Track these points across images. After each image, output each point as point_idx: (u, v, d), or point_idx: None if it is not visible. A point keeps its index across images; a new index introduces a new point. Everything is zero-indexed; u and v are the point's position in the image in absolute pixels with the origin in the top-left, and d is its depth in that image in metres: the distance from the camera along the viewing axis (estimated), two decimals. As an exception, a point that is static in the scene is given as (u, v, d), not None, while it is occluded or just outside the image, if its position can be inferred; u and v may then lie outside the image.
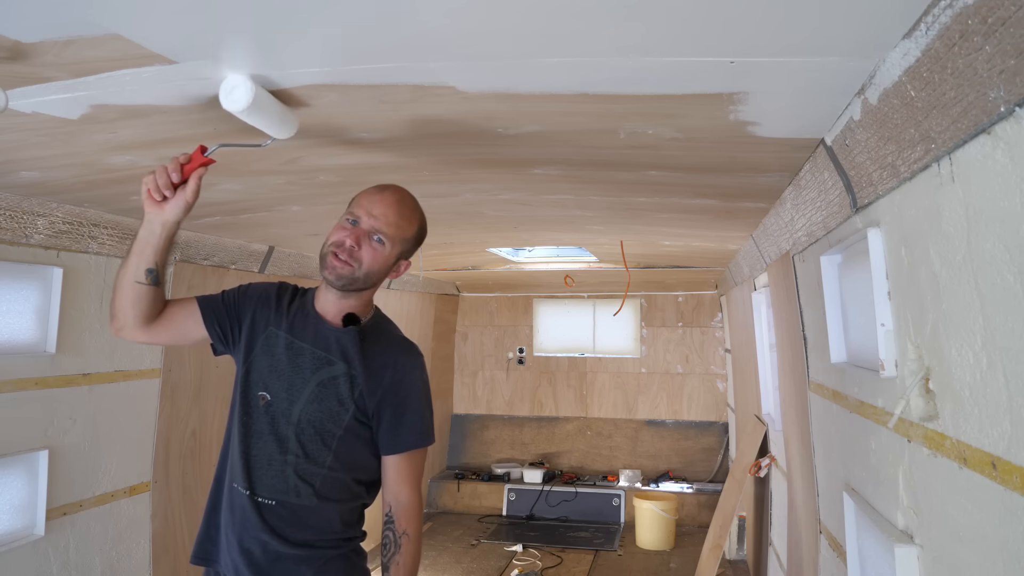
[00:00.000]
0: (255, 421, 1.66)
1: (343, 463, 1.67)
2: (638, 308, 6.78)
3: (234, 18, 1.06)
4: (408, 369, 1.72)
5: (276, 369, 1.68)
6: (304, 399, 1.64)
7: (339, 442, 1.65)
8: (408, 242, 1.70)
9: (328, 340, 1.68)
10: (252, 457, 1.65)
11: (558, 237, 3.85)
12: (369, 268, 1.64)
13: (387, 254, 1.66)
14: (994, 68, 0.87)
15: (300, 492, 1.63)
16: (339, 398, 1.65)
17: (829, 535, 2.20)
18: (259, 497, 1.63)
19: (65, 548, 2.50)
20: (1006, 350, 0.98)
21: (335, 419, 1.64)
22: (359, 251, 1.63)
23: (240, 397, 1.69)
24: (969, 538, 1.14)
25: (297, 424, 1.63)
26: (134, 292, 1.62)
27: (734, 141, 1.66)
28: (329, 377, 1.65)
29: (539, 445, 6.91)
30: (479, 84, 1.33)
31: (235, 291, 1.79)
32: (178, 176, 1.50)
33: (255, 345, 1.71)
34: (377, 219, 1.64)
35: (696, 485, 6.23)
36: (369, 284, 1.68)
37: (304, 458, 1.63)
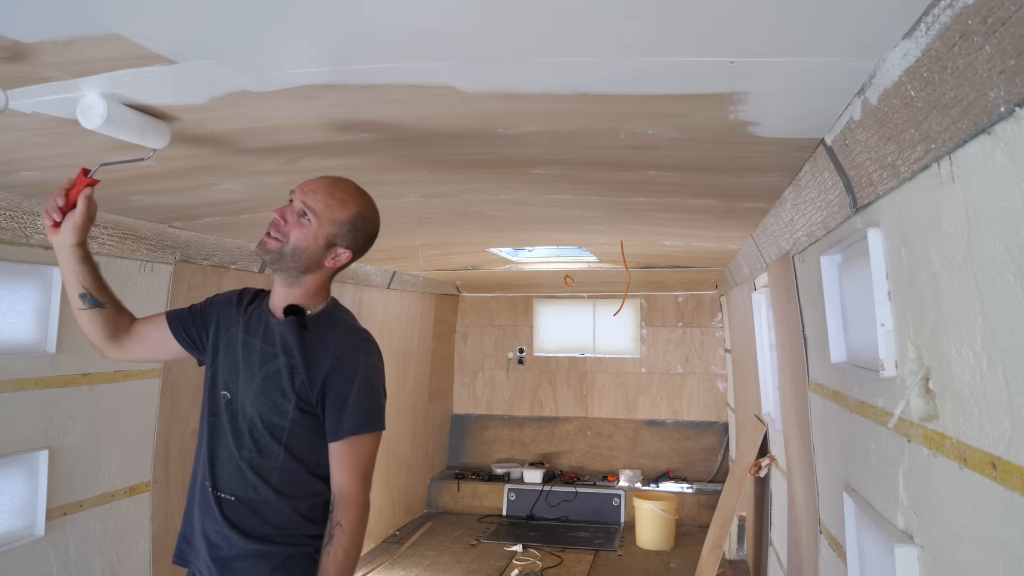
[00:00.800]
0: (219, 419, 1.69)
1: (296, 456, 1.66)
2: (638, 308, 6.78)
3: (234, 18, 1.06)
4: (350, 354, 1.67)
5: (235, 368, 1.70)
6: (253, 394, 1.66)
7: (288, 435, 1.65)
8: (340, 225, 1.65)
9: (273, 334, 1.70)
10: (215, 454, 1.68)
11: (558, 237, 3.85)
12: (296, 244, 1.63)
13: (314, 231, 1.63)
14: (994, 68, 0.87)
15: (257, 488, 1.64)
16: (281, 390, 1.65)
17: (829, 535, 2.20)
18: (220, 493, 1.66)
19: (65, 548, 2.50)
20: (1006, 350, 0.98)
21: (280, 412, 1.65)
22: (285, 226, 1.63)
23: (207, 398, 1.73)
24: (969, 538, 1.14)
25: (250, 420, 1.65)
26: (84, 318, 1.72)
27: (734, 141, 1.66)
28: (273, 371, 1.67)
29: (539, 445, 6.91)
30: (479, 84, 1.33)
31: (203, 302, 1.84)
32: (63, 200, 1.58)
33: (219, 348, 1.74)
34: (307, 195, 1.63)
35: (696, 485, 6.23)
36: (299, 263, 1.66)
37: (258, 453, 1.65)
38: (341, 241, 1.67)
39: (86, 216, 1.60)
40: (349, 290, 4.66)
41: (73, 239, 1.62)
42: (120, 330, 1.77)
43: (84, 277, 1.68)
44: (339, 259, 1.69)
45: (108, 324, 1.74)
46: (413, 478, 6.19)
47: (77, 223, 1.60)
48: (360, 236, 1.69)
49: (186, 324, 1.80)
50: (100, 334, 1.74)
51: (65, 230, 1.61)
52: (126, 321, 1.79)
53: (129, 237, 2.64)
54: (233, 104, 1.44)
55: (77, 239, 1.62)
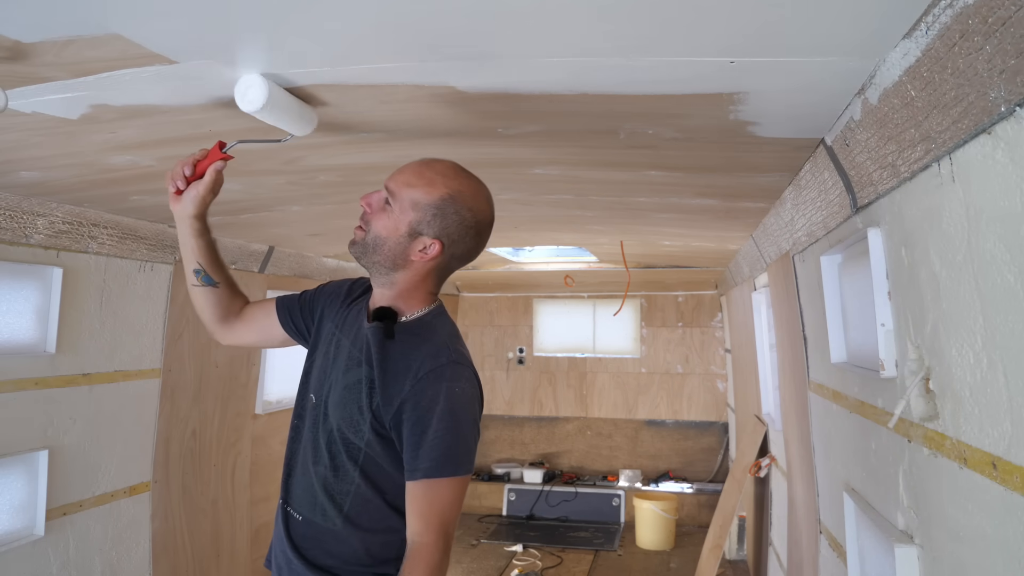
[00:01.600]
0: (303, 424, 1.54)
1: (373, 483, 1.44)
2: (638, 308, 6.78)
3: (233, 18, 1.06)
4: (432, 378, 1.40)
5: (325, 370, 1.53)
6: (334, 403, 1.47)
7: (364, 457, 1.43)
8: (425, 209, 1.40)
9: (362, 338, 1.48)
10: (294, 464, 1.54)
11: (558, 237, 3.85)
12: (376, 232, 1.43)
13: (394, 217, 1.41)
14: (994, 68, 0.87)
15: (326, 512, 1.45)
16: (359, 405, 1.43)
17: (829, 535, 2.20)
18: (290, 508, 1.51)
19: (65, 548, 2.50)
20: (1006, 350, 0.98)
21: (356, 430, 1.43)
22: (370, 214, 1.45)
23: (297, 399, 1.59)
24: (969, 538, 1.14)
25: (330, 432, 1.46)
26: (197, 295, 1.63)
27: (734, 141, 1.66)
28: (355, 380, 1.45)
29: (539, 445, 6.91)
30: (479, 84, 1.33)
31: (315, 289, 1.71)
32: (191, 170, 1.49)
33: (317, 344, 1.60)
34: (391, 179, 1.44)
35: (696, 485, 6.23)
36: (382, 255, 1.44)
37: (333, 472, 1.45)
38: (427, 229, 1.41)
39: (211, 189, 1.50)
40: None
41: (193, 210, 1.53)
42: (232, 313, 1.67)
43: (199, 252, 1.59)
44: (428, 251, 1.43)
45: (220, 305, 1.64)
46: (413, 478, 6.18)
47: (200, 194, 1.50)
48: (452, 223, 1.42)
49: (294, 312, 1.67)
50: (211, 314, 1.65)
51: (187, 200, 1.52)
52: (239, 304, 1.69)
53: (129, 237, 2.64)
54: (233, 104, 1.43)
55: (197, 211, 1.53)
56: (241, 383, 3.53)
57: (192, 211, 1.53)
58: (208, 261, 1.60)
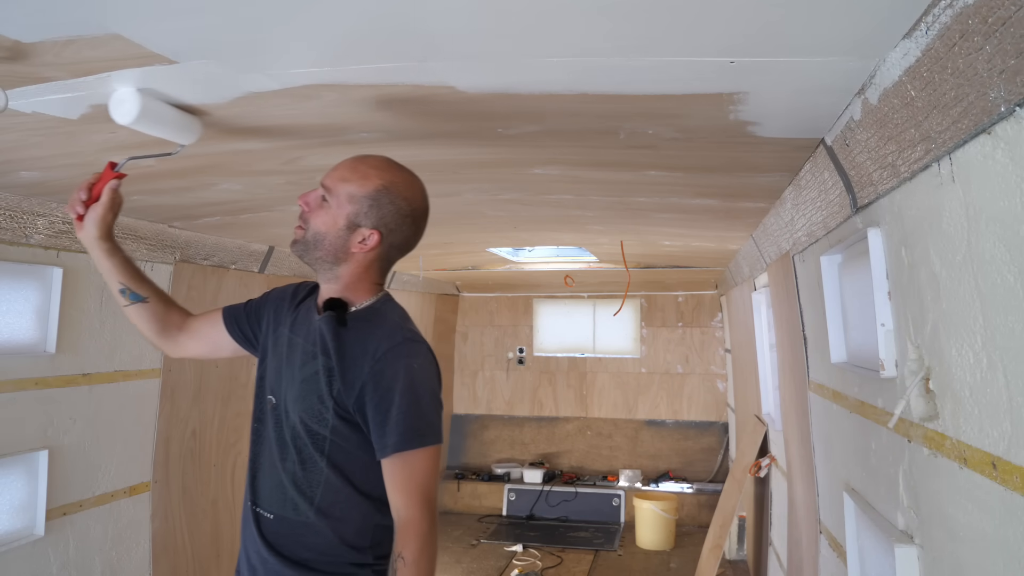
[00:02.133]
0: (263, 427, 1.56)
1: (341, 471, 1.48)
2: (638, 308, 6.78)
3: (233, 18, 1.06)
4: (391, 357, 1.45)
5: (279, 370, 1.56)
6: (293, 398, 1.51)
7: (331, 446, 1.47)
8: (361, 201, 1.46)
9: (314, 331, 1.52)
10: (258, 466, 1.56)
11: (558, 237, 3.85)
12: (315, 229, 1.48)
13: (333, 212, 1.46)
14: (994, 68, 0.87)
15: (297, 506, 1.48)
16: (319, 395, 1.47)
17: (829, 535, 2.20)
18: (260, 509, 1.52)
19: (65, 548, 2.50)
20: (1006, 350, 0.98)
21: (319, 419, 1.47)
22: (308, 212, 1.49)
23: (255, 404, 1.61)
24: (969, 538, 1.14)
25: (293, 428, 1.50)
26: (131, 313, 1.68)
27: (734, 141, 1.66)
28: (312, 372, 1.49)
29: (539, 445, 6.91)
30: (479, 84, 1.33)
31: (260, 297, 1.74)
32: (86, 194, 1.55)
33: (268, 348, 1.62)
34: (326, 176, 1.49)
35: (696, 485, 6.23)
36: (323, 250, 1.49)
37: (300, 466, 1.49)
38: (364, 220, 1.46)
39: (109, 209, 1.55)
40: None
41: (96, 232, 1.57)
42: (171, 325, 1.70)
43: (118, 272, 1.63)
44: (368, 242, 1.48)
45: (155, 319, 1.67)
46: (413, 478, 6.18)
47: (99, 215, 1.55)
48: (388, 213, 1.47)
49: (240, 321, 1.69)
50: (151, 329, 1.68)
51: (88, 224, 1.56)
52: (176, 316, 1.70)
53: (129, 237, 2.64)
54: (233, 104, 1.44)
55: (100, 232, 1.57)
56: (241, 383, 3.53)
57: (96, 233, 1.58)
58: (129, 278, 1.65)
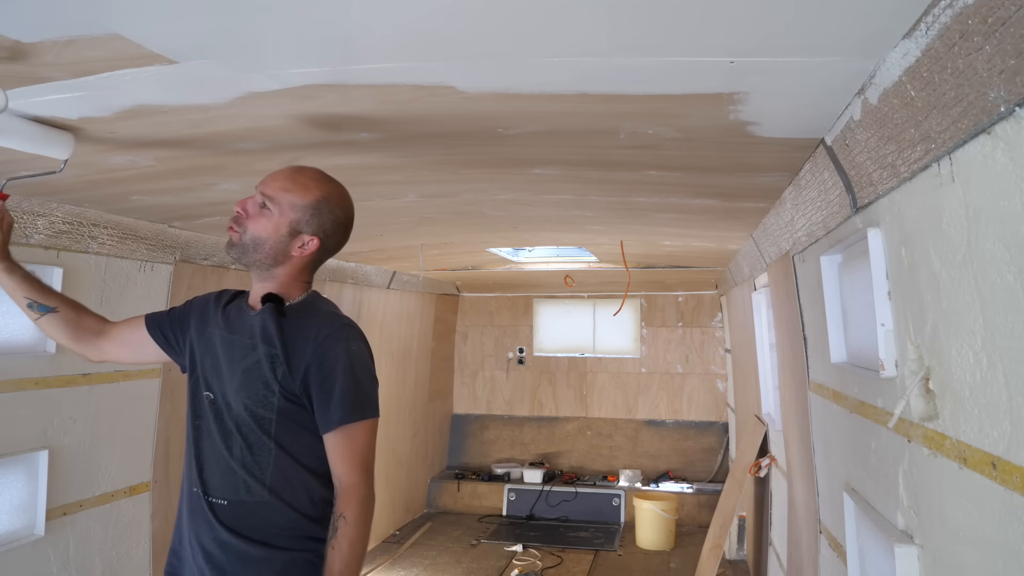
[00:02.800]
0: (203, 422, 1.64)
1: (288, 451, 1.59)
2: (638, 308, 6.78)
3: (233, 19, 1.06)
4: (331, 341, 1.59)
5: (216, 367, 1.65)
6: (234, 389, 1.60)
7: (277, 427, 1.58)
8: (302, 210, 1.58)
9: (252, 326, 1.63)
10: (203, 459, 1.62)
11: (558, 237, 3.85)
12: (254, 233, 1.58)
13: (275, 220, 1.57)
14: (994, 68, 0.87)
15: (250, 488, 1.57)
16: (264, 381, 1.58)
17: (829, 535, 2.20)
18: (211, 497, 1.59)
19: (65, 548, 2.50)
20: (1006, 350, 0.98)
21: (265, 404, 1.58)
22: (245, 217, 1.58)
23: (190, 402, 1.68)
24: (969, 538, 1.14)
25: (237, 416, 1.59)
26: (44, 325, 1.75)
27: (734, 141, 1.66)
28: (253, 362, 1.60)
29: (539, 445, 6.91)
30: (479, 84, 1.33)
31: (183, 305, 1.81)
32: None
33: (197, 350, 1.69)
34: (266, 184, 1.59)
35: (696, 485, 6.23)
36: (262, 254, 1.60)
37: (248, 451, 1.58)
38: (306, 228, 1.59)
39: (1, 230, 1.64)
40: (349, 290, 4.66)
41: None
42: (86, 331, 1.77)
43: (22, 288, 1.71)
44: (307, 247, 1.61)
45: (68, 326, 1.75)
46: (413, 478, 6.19)
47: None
48: (327, 221, 1.61)
49: (163, 326, 1.76)
50: (66, 337, 1.75)
51: None
52: (91, 321, 1.78)
53: (129, 237, 2.64)
54: (233, 104, 1.44)
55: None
56: (241, 383, 3.52)
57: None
58: (34, 291, 1.73)
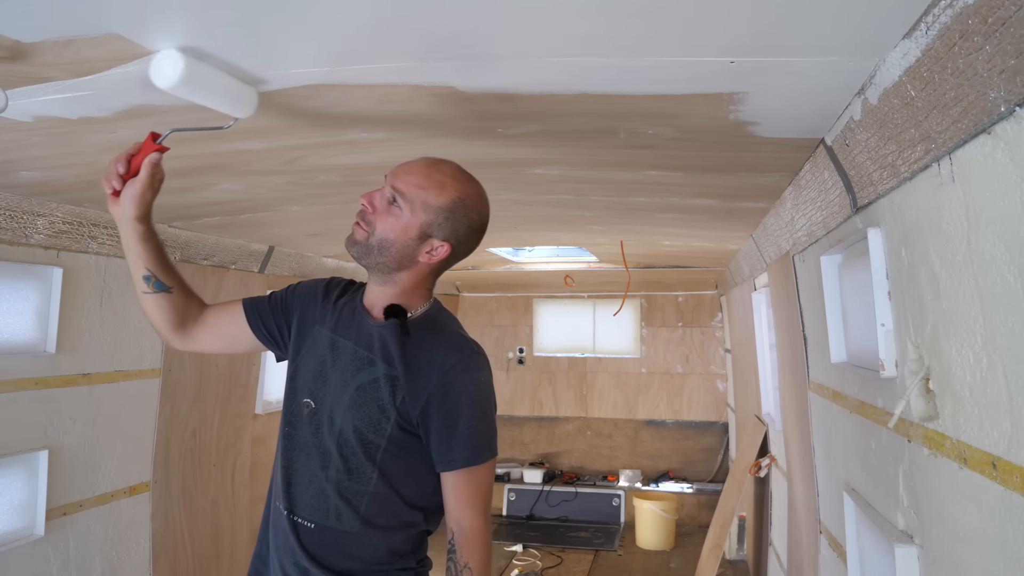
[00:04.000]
0: (299, 432, 1.49)
1: (390, 481, 1.44)
2: (638, 308, 6.78)
3: (233, 19, 1.06)
4: (459, 370, 1.43)
5: (321, 373, 1.49)
6: (344, 405, 1.44)
7: (384, 455, 1.43)
8: (436, 212, 1.41)
9: (371, 337, 1.47)
10: (293, 472, 1.48)
11: (558, 237, 3.84)
12: (383, 234, 1.41)
13: (405, 220, 1.40)
14: (994, 68, 0.87)
15: (341, 515, 1.44)
16: (380, 404, 1.43)
17: (829, 535, 2.20)
18: (297, 518, 1.46)
19: (65, 548, 2.50)
20: (1006, 350, 0.98)
21: (376, 428, 1.43)
22: (372, 214, 1.42)
23: (286, 405, 1.53)
24: (969, 538, 1.14)
25: (340, 435, 1.44)
26: (149, 302, 1.53)
27: (734, 141, 1.66)
28: (370, 380, 1.44)
29: (539, 445, 6.91)
30: (479, 84, 1.33)
31: (284, 291, 1.63)
32: (124, 167, 1.37)
33: (302, 347, 1.54)
34: (398, 178, 1.41)
35: (696, 485, 6.23)
36: (387, 257, 1.44)
37: (347, 475, 1.43)
38: (437, 232, 1.43)
39: (149, 186, 1.38)
40: (349, 290, 4.65)
41: (134, 212, 1.40)
42: (189, 319, 1.57)
43: (148, 257, 1.48)
44: (436, 253, 1.45)
45: (175, 311, 1.54)
46: (413, 478, 6.18)
47: (138, 192, 1.37)
48: (461, 227, 1.45)
49: (266, 316, 1.58)
50: (166, 322, 1.55)
51: (125, 201, 1.39)
52: (195, 309, 1.58)
53: (129, 237, 2.64)
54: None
55: (138, 212, 1.40)
56: (241, 383, 3.53)
57: (133, 212, 1.41)
58: (158, 265, 1.50)
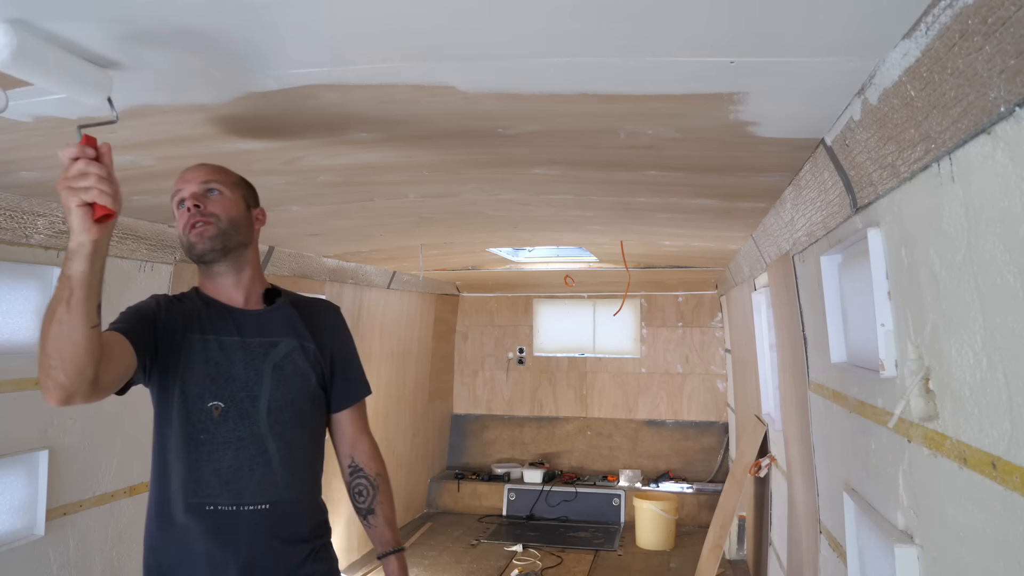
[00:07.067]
0: (215, 434, 1.52)
1: (316, 439, 1.66)
2: (638, 308, 6.78)
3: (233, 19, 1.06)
4: (342, 325, 1.77)
5: (221, 374, 1.54)
6: (266, 389, 1.56)
7: (311, 417, 1.65)
8: (241, 186, 1.64)
9: (261, 323, 1.62)
10: (229, 470, 1.51)
11: (558, 237, 3.84)
12: (228, 215, 1.56)
13: (233, 199, 1.59)
14: (994, 68, 0.87)
15: (289, 485, 1.56)
16: (301, 372, 1.62)
17: (829, 535, 2.20)
18: (249, 506, 1.52)
19: (65, 548, 2.50)
20: (1006, 350, 0.98)
21: (304, 394, 1.62)
22: (207, 207, 1.54)
23: (181, 416, 1.51)
24: (969, 538, 1.14)
25: (267, 416, 1.55)
26: (90, 342, 1.22)
27: (734, 141, 1.66)
28: (281, 357, 1.60)
29: (539, 445, 6.91)
30: (479, 84, 1.33)
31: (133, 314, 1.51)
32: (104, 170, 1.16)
33: (179, 358, 1.52)
34: (197, 177, 1.57)
35: (696, 485, 6.23)
36: (241, 237, 1.59)
37: (287, 447, 1.57)
38: (253, 201, 1.67)
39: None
40: (349, 290, 4.65)
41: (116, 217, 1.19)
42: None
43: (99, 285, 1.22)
44: (260, 219, 1.68)
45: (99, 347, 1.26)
46: (413, 478, 6.19)
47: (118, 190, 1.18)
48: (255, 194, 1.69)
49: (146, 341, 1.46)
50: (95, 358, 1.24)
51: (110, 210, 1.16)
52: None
53: (129, 237, 2.64)
54: (233, 104, 1.44)
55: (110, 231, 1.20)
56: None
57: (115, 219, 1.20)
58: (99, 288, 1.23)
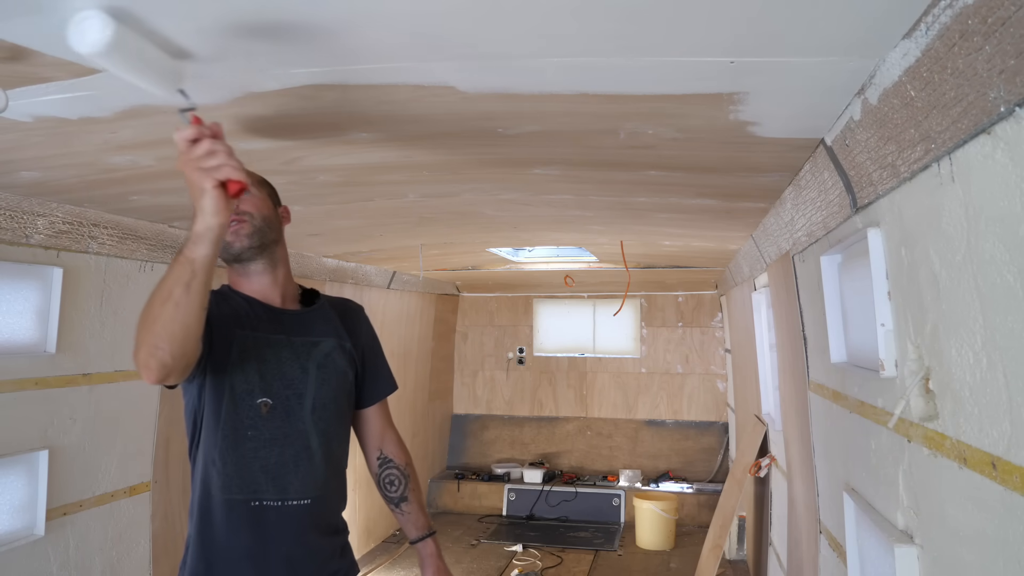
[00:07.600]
0: (262, 431, 1.55)
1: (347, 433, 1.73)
2: (638, 308, 6.78)
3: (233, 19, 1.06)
4: (367, 321, 1.84)
5: (270, 371, 1.57)
6: (312, 387, 1.62)
7: (347, 413, 1.72)
8: (265, 185, 1.67)
9: (305, 323, 1.68)
10: (274, 465, 1.56)
11: (558, 237, 3.84)
12: (261, 213, 1.60)
13: (261, 197, 1.62)
14: (994, 68, 0.87)
15: (328, 480, 1.64)
16: (341, 370, 1.68)
17: (829, 535, 2.20)
18: (293, 501, 1.57)
19: (65, 548, 2.50)
20: (1006, 350, 0.98)
21: (343, 391, 1.69)
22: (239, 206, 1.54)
23: (229, 411, 1.54)
24: (969, 538, 1.14)
25: (312, 413, 1.61)
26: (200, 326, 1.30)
27: (734, 141, 1.66)
28: (323, 356, 1.66)
29: (539, 445, 6.91)
30: (479, 84, 1.33)
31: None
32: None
33: (230, 354, 1.53)
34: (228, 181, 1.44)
35: (696, 485, 6.23)
36: (274, 234, 1.63)
37: (328, 442, 1.64)
38: (277, 199, 1.70)
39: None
40: (349, 290, 4.65)
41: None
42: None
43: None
44: (286, 216, 1.71)
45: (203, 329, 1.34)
46: (413, 478, 6.18)
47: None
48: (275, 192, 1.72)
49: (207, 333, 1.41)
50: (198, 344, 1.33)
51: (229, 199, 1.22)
52: None
53: (129, 237, 2.64)
54: (233, 104, 1.44)
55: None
56: (241, 383, 3.52)
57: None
58: None
